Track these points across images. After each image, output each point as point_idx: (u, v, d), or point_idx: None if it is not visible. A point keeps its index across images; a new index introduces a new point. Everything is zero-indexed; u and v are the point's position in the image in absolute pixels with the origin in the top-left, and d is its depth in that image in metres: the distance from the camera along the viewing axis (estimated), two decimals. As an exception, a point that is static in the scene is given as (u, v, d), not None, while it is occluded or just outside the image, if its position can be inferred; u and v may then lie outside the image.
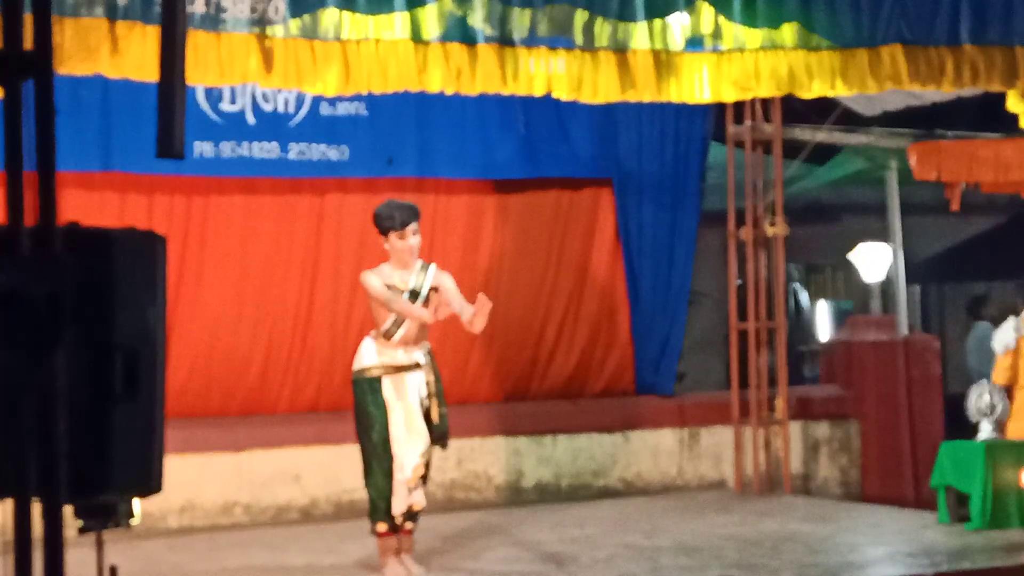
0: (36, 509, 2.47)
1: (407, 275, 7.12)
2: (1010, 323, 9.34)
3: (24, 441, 2.39)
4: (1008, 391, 8.86)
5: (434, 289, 7.15)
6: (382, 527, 7.04)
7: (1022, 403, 8.94)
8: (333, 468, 9.42)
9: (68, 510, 2.57)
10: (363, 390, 7.07)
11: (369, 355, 7.16)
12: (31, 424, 2.39)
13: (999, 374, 9.10)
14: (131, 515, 3.42)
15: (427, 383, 7.08)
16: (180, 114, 2.93)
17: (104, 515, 3.36)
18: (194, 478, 8.91)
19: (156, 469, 3.15)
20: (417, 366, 7.09)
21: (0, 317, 2.29)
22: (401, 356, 7.11)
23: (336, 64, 7.29)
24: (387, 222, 7.09)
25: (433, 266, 7.22)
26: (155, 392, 3.09)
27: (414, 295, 7.10)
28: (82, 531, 3.48)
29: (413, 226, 7.09)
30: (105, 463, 2.96)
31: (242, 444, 9.25)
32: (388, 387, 7.02)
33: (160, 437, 3.15)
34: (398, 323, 7.10)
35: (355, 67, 7.30)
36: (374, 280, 7.11)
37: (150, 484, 3.14)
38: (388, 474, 6.93)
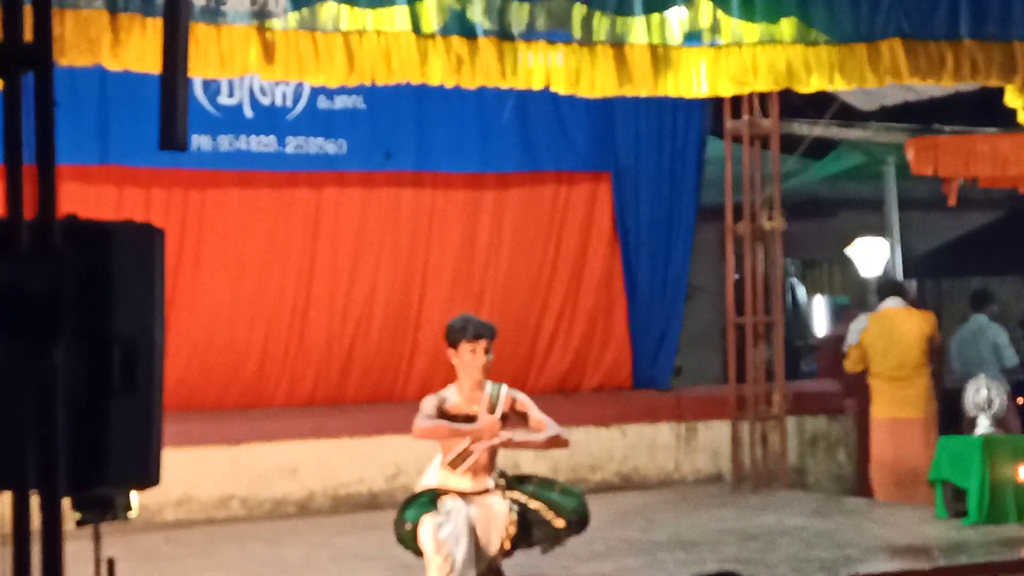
0: (34, 502, 2.47)
1: (476, 397, 6.23)
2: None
3: (23, 434, 2.39)
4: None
5: (509, 414, 6.27)
6: None
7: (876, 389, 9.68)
8: (330, 462, 9.42)
9: (66, 503, 2.57)
10: (417, 494, 6.20)
11: (430, 478, 6.28)
12: (30, 417, 2.38)
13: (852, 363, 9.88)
14: (129, 508, 3.42)
15: (507, 506, 6.18)
16: (182, 106, 2.93)
17: (102, 508, 3.36)
18: (191, 471, 8.90)
19: (154, 462, 3.15)
20: (487, 491, 6.22)
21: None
22: (468, 485, 6.20)
23: (339, 55, 7.30)
24: (458, 334, 6.20)
25: (504, 386, 6.31)
26: (153, 385, 3.09)
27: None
28: (80, 524, 3.47)
29: (485, 342, 6.17)
30: (103, 456, 2.95)
31: (239, 437, 9.24)
32: (450, 499, 6.12)
33: (158, 430, 3.15)
34: (465, 453, 6.17)
35: (358, 58, 7.31)
36: (420, 413, 6.17)
37: (148, 477, 3.14)
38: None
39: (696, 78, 8.04)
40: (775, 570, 6.84)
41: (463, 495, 6.15)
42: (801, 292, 17.76)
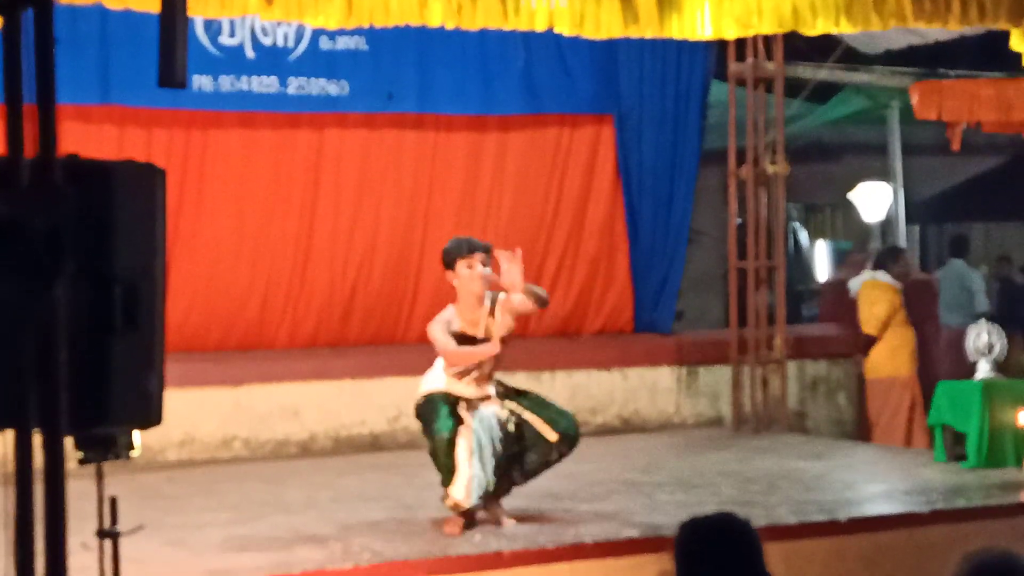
0: (37, 441, 2.48)
1: (478, 315, 6.45)
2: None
3: (24, 373, 2.39)
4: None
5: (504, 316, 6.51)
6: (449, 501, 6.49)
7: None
8: (332, 403, 9.45)
9: (68, 442, 2.58)
10: (433, 401, 6.45)
11: (436, 382, 6.53)
12: (31, 356, 2.38)
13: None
14: (131, 447, 3.43)
15: (503, 413, 6.51)
16: (182, 43, 2.91)
17: (104, 447, 3.37)
18: (193, 412, 8.94)
19: (156, 402, 3.16)
20: (487, 398, 6.53)
21: (0, 248, 2.28)
22: (472, 391, 6.51)
23: (338, -4, 7.23)
24: (453, 253, 6.43)
25: (500, 295, 6.47)
26: (155, 325, 3.09)
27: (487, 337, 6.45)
28: (82, 462, 3.49)
29: (482, 255, 6.40)
30: (105, 395, 2.96)
31: (241, 379, 9.27)
32: (462, 408, 6.44)
33: (160, 370, 3.15)
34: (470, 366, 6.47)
35: (357, 0, 7.24)
36: (439, 335, 6.38)
37: (150, 417, 3.15)
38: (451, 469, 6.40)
39: (700, 20, 7.97)
40: (774, 512, 6.88)
41: (467, 402, 6.44)
42: (803, 237, 17.75)
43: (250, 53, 9.66)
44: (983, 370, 8.49)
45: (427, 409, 6.47)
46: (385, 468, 8.70)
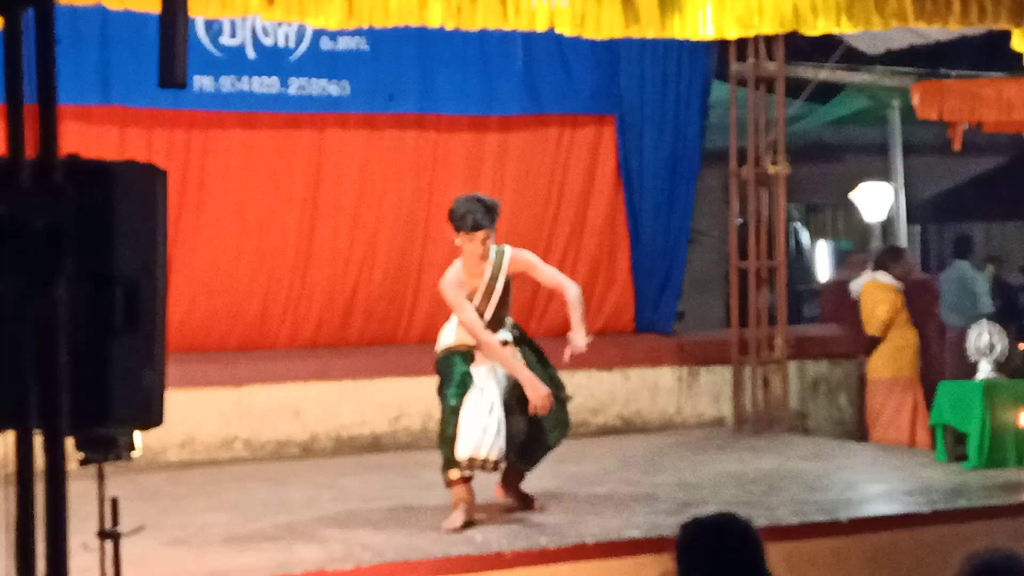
0: (37, 441, 2.47)
1: (481, 268, 6.73)
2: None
3: (25, 373, 2.39)
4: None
5: (514, 276, 6.82)
6: (453, 474, 6.65)
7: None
8: (333, 404, 9.45)
9: (69, 443, 2.57)
10: (450, 358, 6.69)
11: (452, 336, 6.76)
12: (32, 356, 2.38)
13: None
14: (132, 448, 3.43)
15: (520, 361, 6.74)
16: (182, 43, 2.91)
17: (105, 447, 3.37)
18: (194, 412, 8.94)
19: (157, 402, 3.16)
20: (504, 344, 6.74)
21: (0, 247, 2.28)
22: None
23: (338, -3, 7.23)
24: (458, 222, 6.62)
25: (507, 250, 6.80)
26: (156, 325, 3.09)
27: (489, 291, 6.74)
28: (83, 463, 3.49)
29: (483, 233, 6.62)
30: (106, 395, 2.96)
31: (242, 379, 9.27)
32: (477, 364, 6.67)
33: (161, 370, 3.15)
34: (479, 314, 6.70)
35: (357, 1, 7.24)
36: (453, 294, 6.66)
37: (151, 417, 3.15)
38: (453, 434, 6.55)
39: (702, 19, 7.96)
40: (775, 513, 6.87)
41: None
42: (804, 237, 17.75)
43: (251, 53, 9.66)
44: (984, 370, 8.49)
45: (444, 367, 6.72)
46: (386, 468, 8.70)
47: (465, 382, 6.59)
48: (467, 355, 6.69)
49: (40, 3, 2.41)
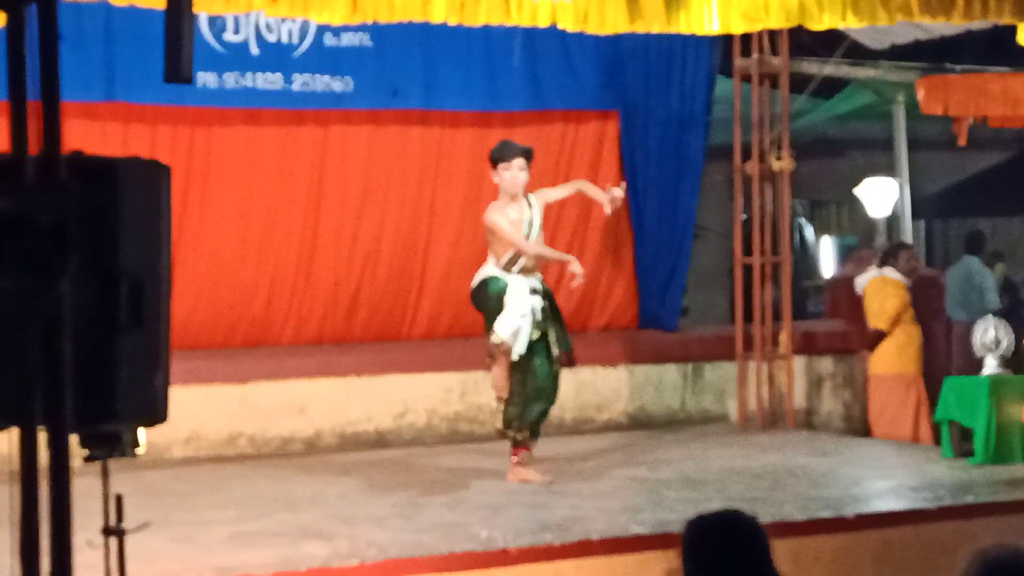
0: (42, 438, 2.47)
1: (520, 209, 7.55)
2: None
3: (30, 370, 2.38)
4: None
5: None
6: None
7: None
8: (338, 400, 9.44)
9: (74, 439, 2.57)
10: (486, 283, 7.49)
11: (491, 271, 7.55)
12: (36, 353, 2.38)
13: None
14: (136, 444, 3.42)
15: (543, 309, 7.50)
16: (188, 39, 2.90)
17: (109, 444, 3.36)
18: (199, 409, 8.93)
19: (161, 399, 3.15)
20: (534, 292, 7.50)
21: (5, 244, 2.27)
22: (521, 282, 7.48)
23: (342, -8, 7.22)
24: (497, 153, 7.52)
25: (533, 197, 7.65)
26: (160, 322, 3.09)
27: (527, 228, 7.55)
28: (88, 460, 3.48)
29: (520, 161, 7.49)
30: (110, 392, 2.95)
31: (247, 375, 9.26)
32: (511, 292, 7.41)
33: (165, 367, 3.14)
34: (516, 256, 7.50)
35: (361, -5, 7.24)
36: (502, 220, 7.48)
37: (155, 414, 3.14)
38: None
39: (708, 14, 7.95)
40: (781, 509, 6.86)
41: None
42: (809, 232, 17.74)
43: (255, 50, 9.65)
44: (990, 366, 8.48)
45: (480, 288, 7.53)
46: (391, 465, 8.69)
47: (502, 288, 7.37)
48: (502, 282, 7.44)
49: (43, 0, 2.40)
